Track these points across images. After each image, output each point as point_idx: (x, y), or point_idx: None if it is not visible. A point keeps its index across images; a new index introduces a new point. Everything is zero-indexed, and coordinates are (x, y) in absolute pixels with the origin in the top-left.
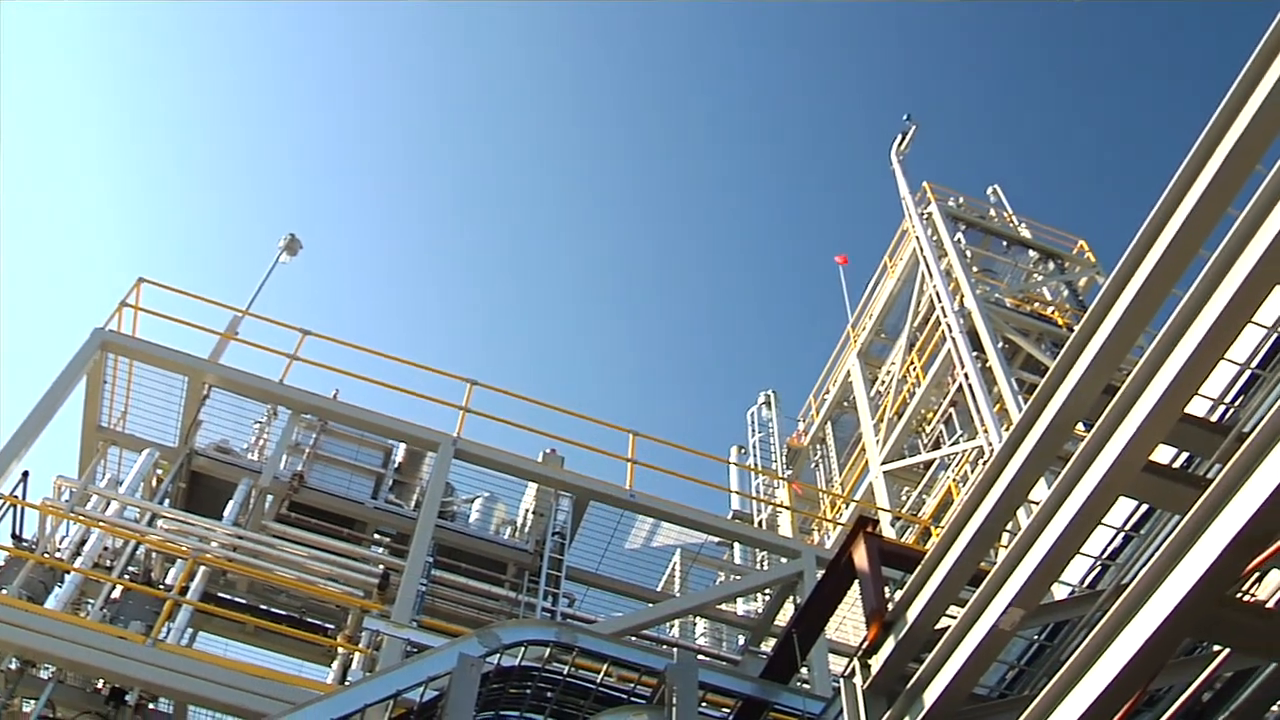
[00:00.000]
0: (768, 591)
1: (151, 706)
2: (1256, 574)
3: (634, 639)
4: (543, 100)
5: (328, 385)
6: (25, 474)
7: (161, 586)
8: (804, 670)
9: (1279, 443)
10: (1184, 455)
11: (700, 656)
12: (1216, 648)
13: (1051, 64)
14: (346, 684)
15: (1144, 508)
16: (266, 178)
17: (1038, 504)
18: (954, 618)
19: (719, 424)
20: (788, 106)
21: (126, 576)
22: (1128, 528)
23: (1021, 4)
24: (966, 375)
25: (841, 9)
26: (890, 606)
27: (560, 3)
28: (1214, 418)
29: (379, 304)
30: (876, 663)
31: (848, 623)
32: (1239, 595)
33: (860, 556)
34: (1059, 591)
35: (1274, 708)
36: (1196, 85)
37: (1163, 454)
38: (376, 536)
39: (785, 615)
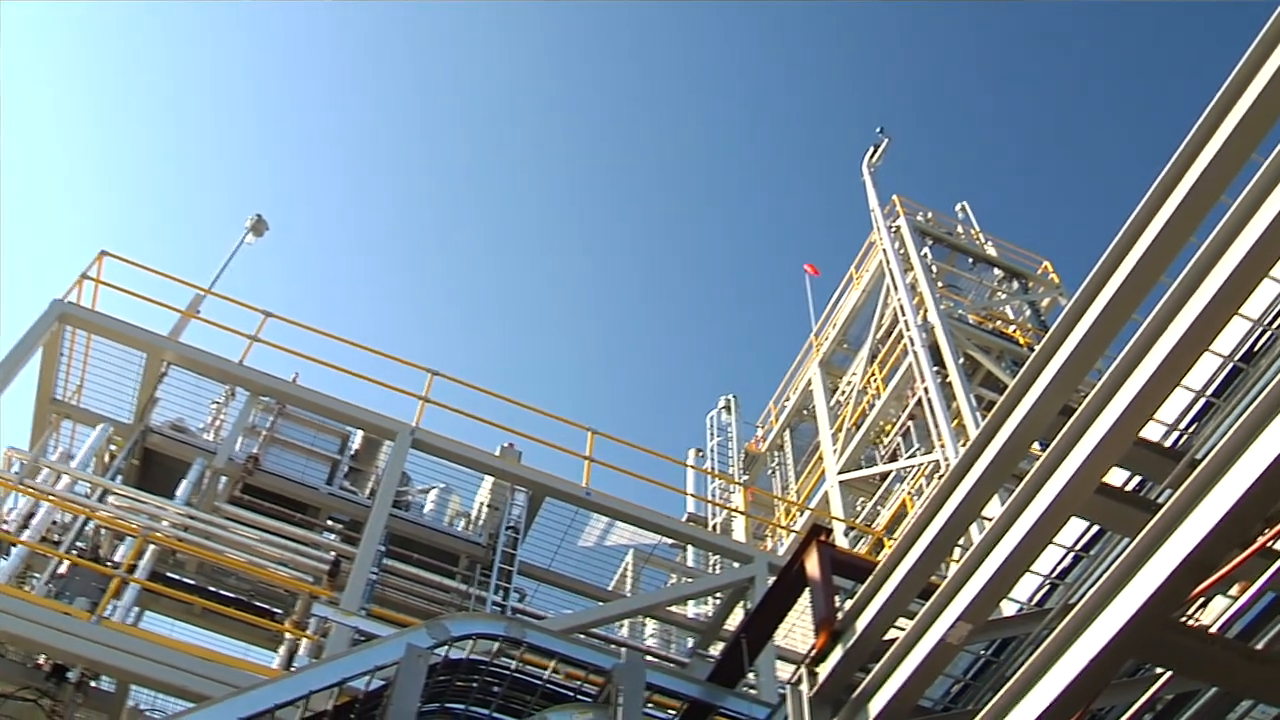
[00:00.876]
0: (719, 595)
1: (93, 685)
2: (1202, 599)
3: (583, 637)
4: (521, 96)
5: (288, 369)
6: None
7: (109, 564)
8: (751, 675)
9: (1230, 470)
10: (1136, 479)
11: (648, 657)
12: (1159, 670)
13: (1028, 86)
14: (292, 669)
15: (1095, 529)
16: (236, 158)
17: (991, 520)
18: (903, 629)
19: (678, 426)
20: (766, 112)
21: (74, 552)
22: (1078, 548)
23: (1005, 22)
24: (926, 389)
25: (825, 15)
26: (840, 616)
27: (545, 2)
28: (1168, 443)
29: (343, 290)
30: (823, 671)
31: (797, 630)
32: (1183, 619)
33: (812, 564)
34: (1007, 608)
35: None
36: (1168, 114)
37: (1116, 476)
38: (329, 523)
39: (735, 620)
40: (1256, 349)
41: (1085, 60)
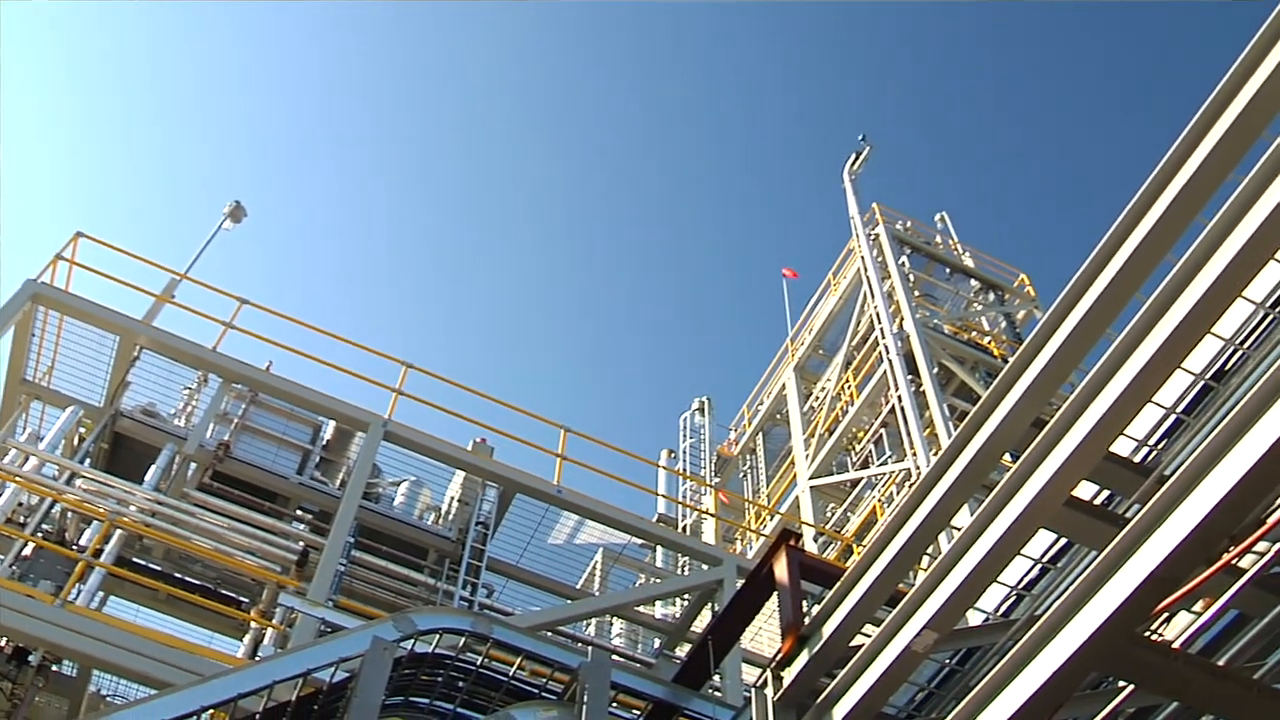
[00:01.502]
0: (687, 597)
1: (55, 669)
2: (1166, 614)
3: (550, 634)
4: (505, 92)
5: (261, 357)
6: None
7: (75, 547)
8: (717, 678)
9: (1197, 487)
10: (1105, 493)
11: (615, 657)
12: (1122, 683)
13: (1013, 99)
14: (257, 659)
15: (1062, 541)
16: (220, 145)
17: (960, 530)
18: (869, 636)
19: (652, 426)
20: (750, 116)
21: (39, 534)
22: (1045, 559)
23: (998, 32)
24: (900, 398)
25: (811, 18)
26: (807, 620)
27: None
28: (1137, 458)
29: (322, 281)
30: (789, 675)
31: (763, 634)
32: (1147, 634)
33: (781, 568)
34: (973, 618)
35: None
36: (1152, 129)
37: (1085, 490)
38: (299, 513)
39: (702, 621)
40: (1228, 368)
41: (1070, 75)
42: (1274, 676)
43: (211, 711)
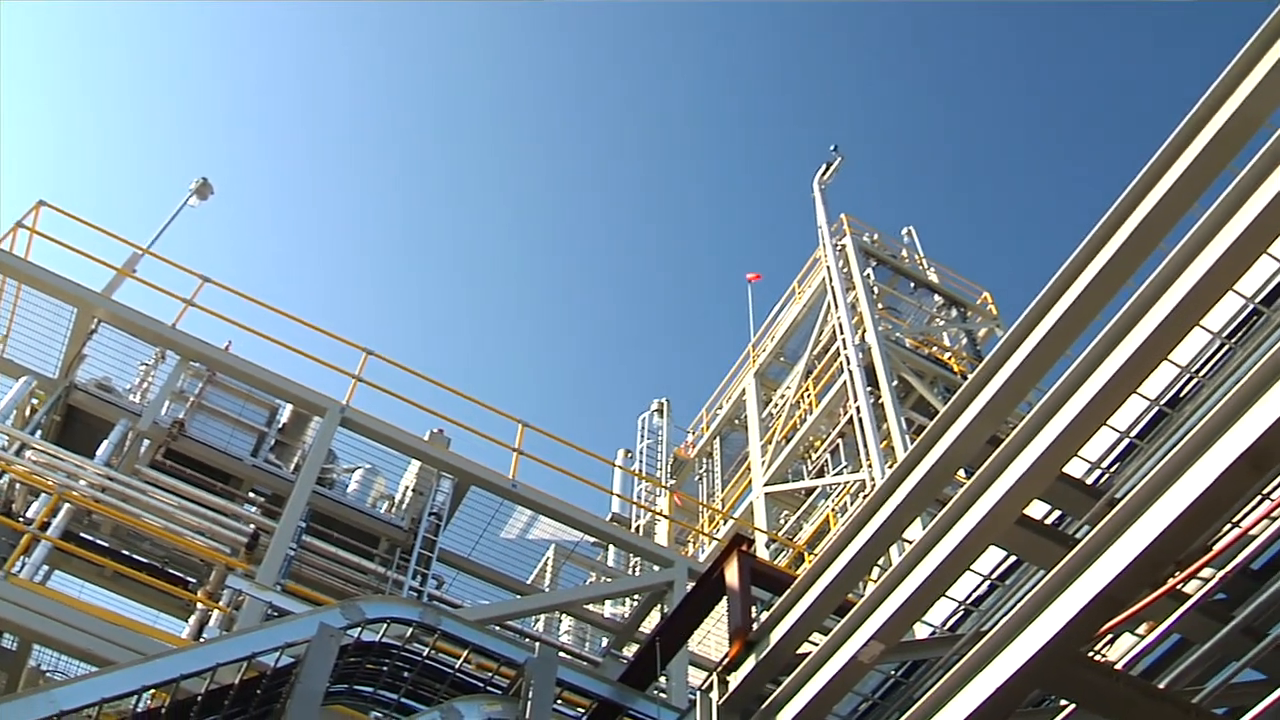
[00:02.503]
0: (636, 597)
1: None
2: (1110, 635)
3: (498, 629)
4: (481, 86)
5: (221, 336)
6: None
7: (21, 519)
8: (663, 679)
9: (1147, 511)
10: (1056, 513)
11: (562, 654)
12: (1064, 702)
13: (988, 119)
14: (201, 640)
15: (1012, 559)
16: (192, 123)
17: (911, 543)
18: (816, 644)
19: (610, 426)
20: (725, 120)
21: None
22: (994, 576)
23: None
24: (858, 409)
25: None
26: (755, 626)
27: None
28: (1090, 480)
29: (287, 263)
30: (735, 680)
31: (711, 638)
32: (1091, 654)
33: (732, 573)
34: (920, 631)
35: None
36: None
37: (1037, 509)
38: (251, 495)
39: (651, 622)
40: (1182, 395)
41: (1046, 101)
42: (1213, 701)
43: (153, 691)
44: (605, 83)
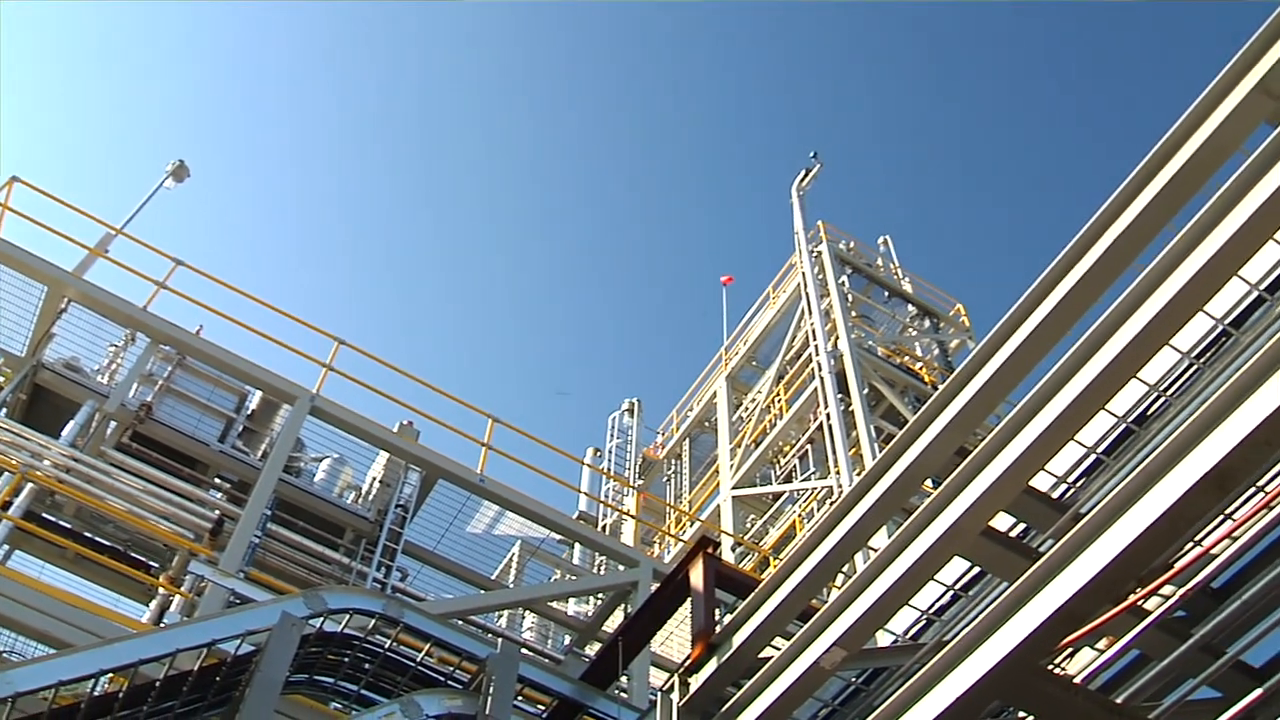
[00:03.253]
0: (601, 596)
1: None
2: (1070, 649)
3: (461, 623)
4: (461, 81)
5: (193, 321)
6: None
7: None
8: (624, 679)
9: (1110, 527)
10: (1021, 526)
11: (524, 650)
12: (1022, 714)
13: (968, 129)
14: (162, 625)
15: (976, 570)
16: (168, 102)
17: (877, 551)
18: (778, 649)
19: (579, 424)
20: (704, 123)
21: None
22: (957, 586)
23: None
24: (828, 415)
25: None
26: (718, 629)
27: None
28: (1055, 494)
29: (259, 248)
30: (696, 681)
31: (674, 639)
32: (1050, 667)
33: (697, 575)
34: (883, 639)
35: None
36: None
37: (1002, 522)
38: (218, 481)
39: (615, 622)
40: (1149, 413)
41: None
42: (1170, 718)
43: (111, 675)
44: (586, 83)
